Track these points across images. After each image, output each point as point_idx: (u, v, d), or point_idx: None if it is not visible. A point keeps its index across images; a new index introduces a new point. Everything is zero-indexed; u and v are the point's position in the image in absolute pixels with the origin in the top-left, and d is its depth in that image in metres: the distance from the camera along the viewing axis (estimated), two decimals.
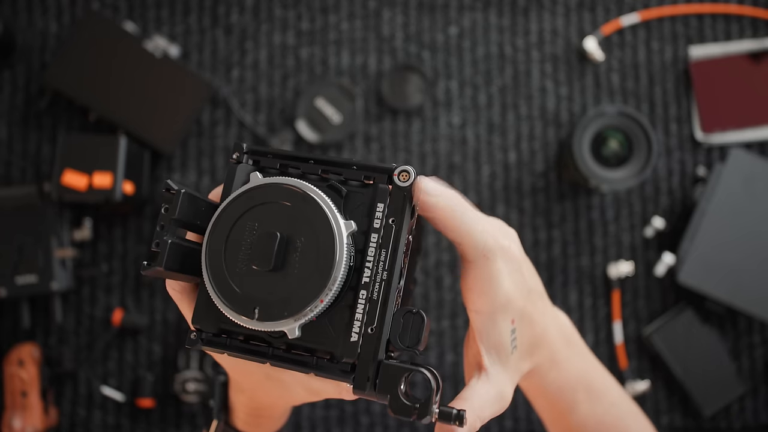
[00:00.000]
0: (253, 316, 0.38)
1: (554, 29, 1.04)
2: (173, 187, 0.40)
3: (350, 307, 0.39)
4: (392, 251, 0.39)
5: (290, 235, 0.39)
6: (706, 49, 1.03)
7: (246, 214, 0.39)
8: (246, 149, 0.43)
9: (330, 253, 0.38)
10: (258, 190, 0.40)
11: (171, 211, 0.39)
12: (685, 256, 0.94)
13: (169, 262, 0.38)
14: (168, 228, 0.39)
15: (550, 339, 0.50)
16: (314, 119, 1.02)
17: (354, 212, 0.40)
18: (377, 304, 0.39)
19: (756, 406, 0.99)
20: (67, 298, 1.00)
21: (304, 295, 0.38)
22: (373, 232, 0.40)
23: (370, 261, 0.39)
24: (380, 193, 0.40)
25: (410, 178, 0.40)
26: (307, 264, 0.38)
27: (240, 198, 0.40)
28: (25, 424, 0.93)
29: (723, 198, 0.94)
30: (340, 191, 0.41)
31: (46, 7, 1.04)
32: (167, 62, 0.99)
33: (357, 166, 0.41)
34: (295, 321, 0.38)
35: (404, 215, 0.40)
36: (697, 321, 0.98)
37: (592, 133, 0.93)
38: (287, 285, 0.38)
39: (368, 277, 0.39)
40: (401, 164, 0.40)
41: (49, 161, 1.01)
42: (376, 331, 0.39)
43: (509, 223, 1.01)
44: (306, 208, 0.39)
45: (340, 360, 0.39)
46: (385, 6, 1.04)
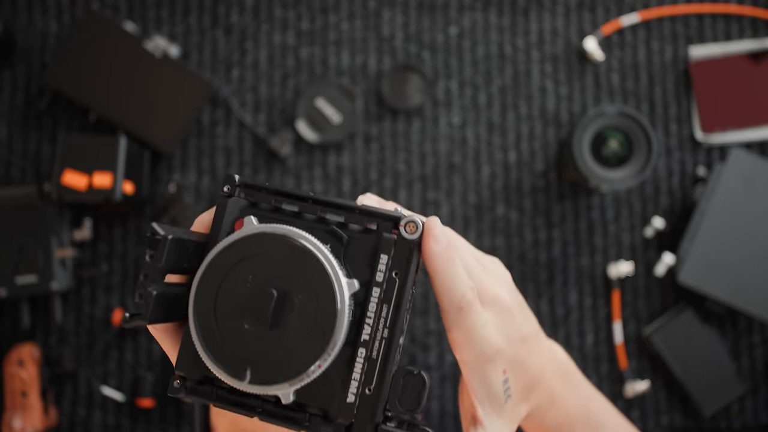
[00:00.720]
0: (244, 378, 0.35)
1: (554, 29, 1.04)
2: (159, 233, 0.36)
3: (347, 363, 0.37)
4: (395, 307, 0.37)
5: (287, 291, 0.36)
6: (706, 49, 1.03)
7: (238, 265, 0.36)
8: (238, 182, 0.39)
9: (331, 316, 0.35)
10: (252, 239, 0.36)
11: (156, 259, 0.35)
12: (685, 256, 0.94)
13: (154, 314, 0.36)
14: (153, 277, 0.36)
15: (546, 379, 0.49)
16: (314, 119, 1.02)
17: (354, 260, 0.38)
18: (376, 363, 0.37)
19: (756, 406, 0.99)
20: (67, 298, 1.00)
21: (300, 358, 0.35)
22: (374, 286, 0.37)
23: (371, 317, 0.37)
24: (384, 243, 0.37)
25: (417, 231, 0.37)
26: (305, 325, 0.35)
27: (232, 247, 0.36)
28: (25, 424, 0.93)
29: (723, 198, 0.94)
30: (341, 238, 0.38)
31: (46, 7, 1.04)
32: (167, 62, 0.99)
33: (360, 211, 0.38)
34: (290, 386, 0.35)
35: (409, 269, 0.37)
36: (697, 321, 0.98)
37: (592, 133, 0.93)
38: (282, 346, 0.35)
39: (368, 334, 0.37)
40: (408, 215, 0.38)
41: (49, 161, 1.01)
42: (375, 393, 0.36)
43: (509, 223, 1.01)
44: (305, 263, 0.36)
45: (334, 420, 0.37)
46: (385, 6, 1.04)
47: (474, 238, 1.02)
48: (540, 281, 1.01)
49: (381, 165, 1.02)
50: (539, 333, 0.50)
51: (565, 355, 0.53)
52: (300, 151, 1.03)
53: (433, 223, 0.38)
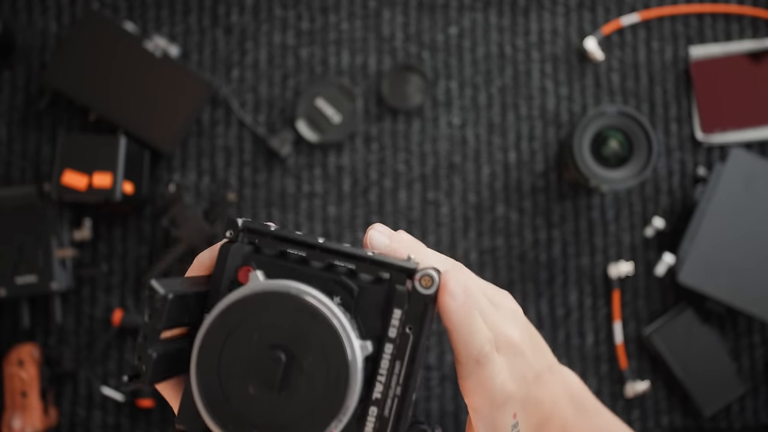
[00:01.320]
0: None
1: (554, 29, 1.04)
2: (159, 292, 0.33)
3: (358, 420, 0.35)
4: (408, 363, 0.35)
5: (296, 353, 0.34)
6: (706, 49, 1.03)
7: (243, 324, 0.34)
8: (242, 226, 0.37)
9: (343, 380, 0.33)
10: (258, 297, 0.34)
11: (156, 320, 0.33)
12: (685, 256, 0.94)
13: (155, 376, 0.34)
14: (152, 339, 0.34)
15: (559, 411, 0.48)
16: (314, 119, 1.02)
17: (366, 313, 0.36)
18: (389, 421, 0.35)
19: (756, 406, 0.99)
20: (67, 298, 1.00)
21: (310, 424, 0.33)
22: (387, 342, 0.35)
23: (383, 375, 0.35)
24: (398, 297, 0.35)
25: (433, 286, 0.35)
26: (315, 389, 0.33)
27: (236, 306, 0.34)
28: (24, 425, 0.93)
29: (723, 198, 0.94)
30: (351, 291, 0.36)
31: (46, 7, 1.04)
32: (167, 62, 0.99)
33: (371, 261, 0.36)
34: None
35: (424, 324, 0.35)
36: (697, 321, 0.98)
37: (592, 133, 0.93)
38: (291, 411, 0.34)
39: (380, 392, 0.35)
40: (422, 267, 0.36)
41: (49, 161, 1.01)
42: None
43: (509, 223, 1.01)
44: (315, 324, 0.34)
45: None
46: (385, 6, 1.04)
47: (474, 238, 1.02)
48: (540, 281, 1.01)
49: (381, 165, 1.02)
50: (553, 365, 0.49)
51: (580, 382, 0.53)
52: (300, 151, 1.03)
53: (448, 277, 0.36)
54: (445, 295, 0.36)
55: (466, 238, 1.02)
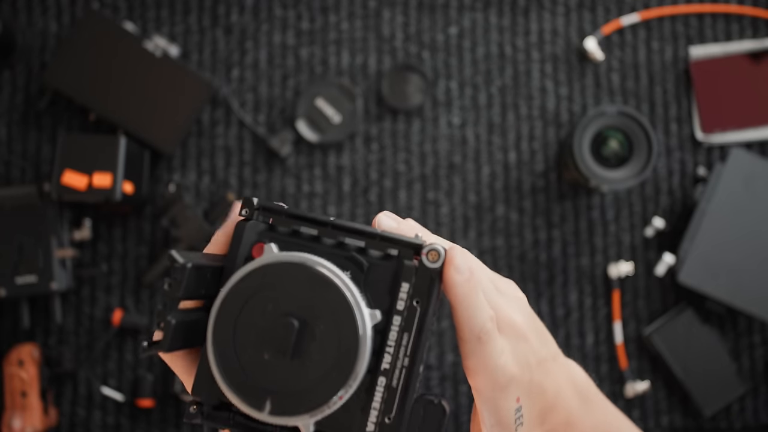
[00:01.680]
0: (264, 409, 0.35)
1: (554, 29, 1.04)
2: (178, 261, 0.35)
3: (367, 390, 0.36)
4: (416, 336, 0.36)
5: (309, 321, 0.35)
6: (706, 49, 1.03)
7: (258, 294, 0.36)
8: (257, 205, 0.38)
9: (353, 347, 0.35)
10: (272, 267, 0.36)
11: (175, 288, 0.35)
12: (685, 256, 0.94)
13: (174, 343, 0.35)
14: (171, 307, 0.35)
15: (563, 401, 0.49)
16: (314, 119, 1.02)
17: (374, 288, 0.37)
18: (396, 392, 0.36)
19: (756, 406, 0.99)
20: (67, 298, 1.00)
21: (322, 390, 0.35)
22: (395, 314, 0.36)
23: (391, 346, 0.36)
24: (406, 271, 0.37)
25: (440, 260, 0.37)
26: (326, 355, 0.35)
27: (251, 276, 0.36)
28: (24, 425, 0.93)
29: (723, 198, 0.94)
30: (361, 265, 0.37)
31: (46, 7, 1.04)
32: (167, 62, 0.99)
33: (381, 238, 0.37)
34: (311, 417, 0.35)
35: (431, 298, 0.36)
36: (697, 321, 0.98)
37: (592, 133, 0.93)
38: (303, 377, 0.35)
39: (388, 363, 0.36)
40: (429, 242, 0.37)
41: (49, 161, 1.01)
42: (394, 422, 0.36)
43: (509, 223, 1.01)
44: (326, 293, 0.35)
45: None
46: (385, 6, 1.04)
47: (474, 238, 1.02)
48: (540, 281, 1.01)
49: (381, 165, 1.02)
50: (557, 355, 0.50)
51: (584, 374, 0.53)
52: (300, 151, 1.03)
53: (455, 252, 0.38)
54: (451, 269, 0.37)
55: (466, 238, 1.02)
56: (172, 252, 0.35)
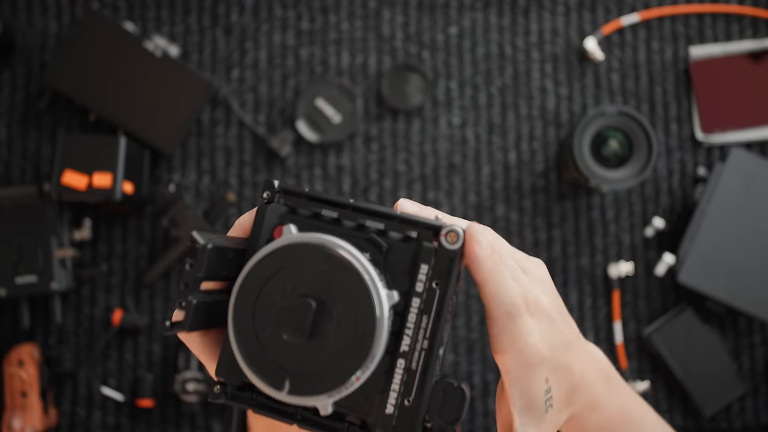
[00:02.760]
0: (283, 389, 0.35)
1: (554, 29, 1.04)
2: (199, 242, 0.36)
3: (386, 373, 0.36)
4: (435, 318, 0.36)
5: (327, 302, 0.35)
6: (706, 49, 1.03)
7: (277, 275, 0.36)
8: (278, 188, 0.39)
9: (370, 328, 0.35)
10: (292, 248, 0.36)
11: (196, 268, 0.35)
12: (685, 256, 0.94)
13: (194, 323, 0.36)
14: (192, 287, 0.36)
15: (589, 383, 0.48)
16: (314, 119, 1.02)
17: (393, 270, 0.37)
18: (416, 374, 0.36)
19: (756, 406, 0.99)
20: (67, 298, 1.00)
21: (339, 370, 0.35)
22: (414, 296, 0.36)
23: (410, 328, 0.36)
24: (425, 252, 0.37)
25: (458, 241, 0.36)
26: (344, 336, 0.35)
27: (271, 256, 0.36)
28: (24, 424, 0.93)
29: (723, 198, 0.94)
30: (380, 247, 0.37)
31: (46, 7, 1.04)
32: (167, 62, 0.99)
33: (400, 220, 0.37)
34: (329, 398, 0.35)
35: (450, 279, 0.36)
36: (697, 321, 0.98)
37: (592, 133, 0.93)
38: (321, 357, 0.35)
39: (407, 345, 0.36)
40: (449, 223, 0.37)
41: (49, 161, 1.01)
42: (414, 404, 0.36)
43: (509, 223, 1.01)
44: (344, 274, 0.35)
45: (372, 430, 0.36)
46: (385, 6, 1.04)
47: None
48: None
49: (381, 165, 1.02)
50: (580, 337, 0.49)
51: (605, 358, 0.53)
52: (300, 151, 1.03)
53: (476, 228, 0.38)
54: (473, 243, 0.37)
55: None
56: (194, 233, 0.36)
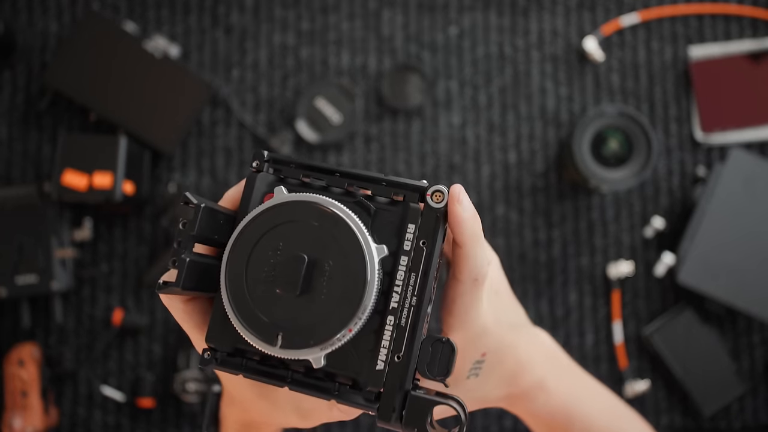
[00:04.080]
0: (275, 343, 0.36)
1: (554, 29, 1.04)
2: (192, 201, 0.37)
3: (376, 332, 0.37)
4: (423, 275, 0.37)
5: (318, 257, 0.36)
6: (706, 49, 1.03)
7: (269, 233, 0.37)
8: (267, 157, 0.40)
9: (361, 280, 0.36)
10: (283, 207, 0.37)
11: (189, 227, 0.36)
12: (685, 256, 0.94)
13: (187, 281, 0.36)
14: (185, 245, 0.36)
15: (535, 365, 0.50)
16: (314, 119, 1.02)
17: (381, 231, 0.38)
18: (405, 330, 0.37)
19: (756, 406, 0.99)
20: (68, 298, 1.00)
21: (331, 323, 0.35)
22: (402, 255, 0.37)
23: (399, 285, 0.37)
24: (411, 213, 0.37)
25: (444, 199, 0.37)
26: (335, 290, 0.36)
27: (263, 215, 0.37)
28: (25, 424, 0.93)
29: (723, 198, 0.94)
30: (368, 209, 0.38)
31: (46, 7, 1.04)
32: (167, 62, 0.99)
33: (386, 182, 0.38)
34: (321, 350, 0.36)
35: (436, 237, 0.37)
36: (697, 321, 0.98)
37: (592, 133, 0.93)
38: (313, 311, 0.36)
39: (396, 302, 0.37)
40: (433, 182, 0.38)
41: (49, 161, 1.01)
42: (404, 360, 0.37)
43: (509, 223, 1.01)
44: (335, 229, 0.36)
45: (363, 388, 0.37)
46: (385, 6, 1.04)
47: None
48: (540, 281, 1.01)
49: (381, 165, 1.02)
50: (529, 323, 0.51)
51: (553, 342, 0.54)
52: (300, 151, 1.03)
53: (459, 189, 0.38)
54: (456, 205, 0.38)
55: None
56: (187, 193, 0.37)
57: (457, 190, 0.38)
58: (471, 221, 0.39)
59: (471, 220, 0.39)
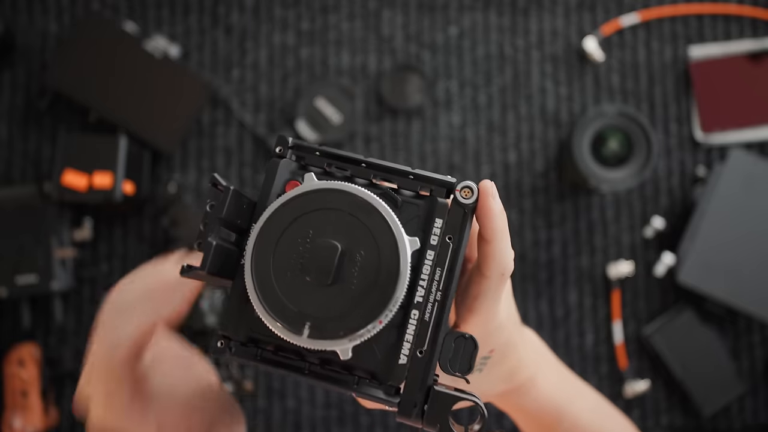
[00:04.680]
0: (302, 333, 0.35)
1: (554, 29, 1.04)
2: (221, 183, 0.36)
3: (398, 327, 0.36)
4: (448, 270, 0.37)
5: (349, 247, 0.35)
6: (706, 50, 1.03)
7: (299, 220, 0.36)
8: (291, 144, 0.39)
9: (393, 271, 0.35)
10: (314, 194, 0.36)
11: (218, 209, 0.36)
12: (684, 256, 0.94)
13: (213, 265, 0.35)
14: (212, 227, 0.36)
15: (528, 362, 0.51)
16: (314, 119, 1.02)
17: (407, 225, 0.37)
18: (428, 325, 0.36)
19: (756, 406, 0.99)
20: (68, 298, 1.00)
21: (361, 314, 0.35)
22: (429, 249, 0.37)
23: (424, 280, 0.36)
24: (439, 208, 0.37)
25: (473, 196, 0.37)
26: (366, 281, 0.35)
27: (293, 202, 0.36)
28: (25, 424, 0.93)
29: (723, 198, 0.94)
30: (395, 201, 0.37)
31: (46, 7, 1.04)
32: (167, 62, 0.99)
33: (414, 176, 0.38)
34: (350, 341, 0.35)
35: (463, 234, 0.37)
36: (697, 321, 0.98)
37: (592, 133, 0.93)
38: (342, 302, 0.35)
39: (421, 296, 0.36)
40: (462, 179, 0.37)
41: (49, 161, 1.01)
42: (427, 355, 0.36)
43: (509, 223, 1.01)
44: (368, 219, 0.35)
45: (384, 382, 0.36)
46: (385, 6, 1.04)
47: None
48: (540, 281, 1.01)
49: None
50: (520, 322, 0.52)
51: (542, 343, 0.55)
52: None
53: (491, 185, 0.38)
54: (489, 198, 0.38)
55: None
56: (215, 175, 0.36)
57: (489, 185, 0.38)
58: (501, 216, 0.39)
59: (501, 216, 0.39)
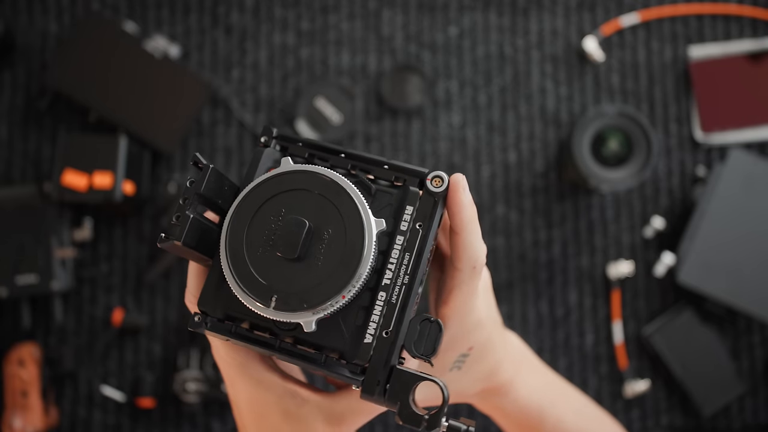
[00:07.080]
0: (269, 305, 0.37)
1: (554, 29, 1.04)
2: (202, 161, 0.38)
3: (366, 308, 0.38)
4: (416, 256, 0.38)
5: (318, 224, 0.37)
6: (706, 50, 1.03)
7: (273, 199, 0.38)
8: (275, 134, 0.41)
9: (358, 248, 0.37)
10: (289, 175, 0.38)
11: (197, 185, 0.38)
12: (684, 256, 0.94)
13: (188, 237, 0.37)
14: (191, 202, 0.38)
15: (508, 364, 0.51)
16: (314, 119, 1.02)
17: (380, 212, 0.39)
18: (395, 307, 0.38)
19: (756, 406, 0.99)
20: (68, 298, 1.00)
21: (325, 288, 0.36)
22: (398, 234, 0.38)
23: (393, 263, 0.38)
24: (410, 196, 0.39)
25: (443, 185, 0.39)
26: (332, 257, 0.37)
27: (269, 182, 0.38)
28: (25, 424, 0.93)
29: (723, 198, 0.94)
30: (369, 189, 0.39)
31: (46, 7, 1.04)
32: (167, 62, 0.99)
33: (389, 166, 0.40)
34: (313, 314, 0.36)
35: (433, 221, 0.38)
36: (697, 321, 0.98)
37: (592, 133, 0.93)
38: (308, 276, 0.37)
39: (389, 279, 0.38)
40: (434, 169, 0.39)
41: (49, 161, 1.01)
42: (392, 336, 0.37)
43: (509, 223, 1.01)
44: (337, 200, 0.37)
45: (350, 361, 0.38)
46: (385, 6, 1.04)
47: None
48: (540, 281, 1.01)
49: None
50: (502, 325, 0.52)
51: (521, 342, 0.55)
52: None
53: (461, 177, 0.39)
54: (459, 190, 0.39)
55: None
56: (197, 154, 0.38)
57: (460, 177, 0.39)
58: (470, 207, 0.39)
59: (470, 206, 0.39)
